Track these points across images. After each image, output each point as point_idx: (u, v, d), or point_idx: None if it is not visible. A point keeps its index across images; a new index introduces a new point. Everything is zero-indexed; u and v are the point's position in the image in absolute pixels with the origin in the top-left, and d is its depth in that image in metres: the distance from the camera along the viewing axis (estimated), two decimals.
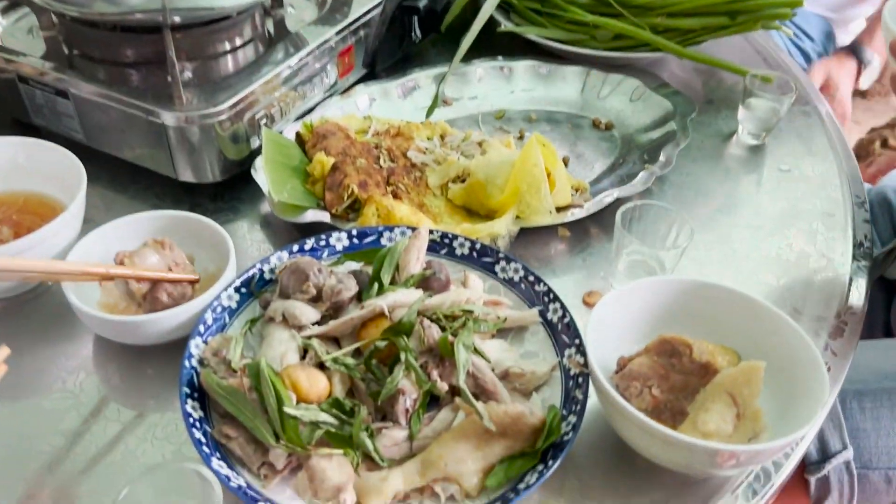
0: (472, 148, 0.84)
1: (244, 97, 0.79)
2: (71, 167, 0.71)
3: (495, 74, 1.00)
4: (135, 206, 0.82)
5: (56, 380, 0.64)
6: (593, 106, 0.98)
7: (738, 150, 0.96)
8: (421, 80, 0.97)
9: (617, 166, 0.89)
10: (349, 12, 0.93)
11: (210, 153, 0.78)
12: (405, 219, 0.73)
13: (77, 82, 0.78)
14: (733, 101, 1.03)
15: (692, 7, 0.98)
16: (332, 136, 0.82)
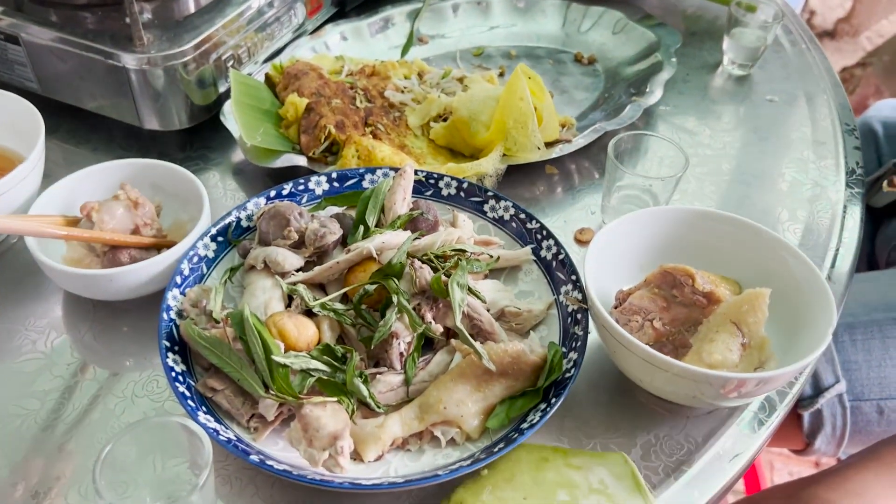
0: (453, 85, 0.80)
1: (208, 37, 0.74)
2: (26, 115, 0.67)
3: (472, 10, 0.96)
4: (97, 158, 0.77)
5: (26, 341, 0.60)
6: (575, 40, 0.95)
7: (724, 81, 0.93)
8: (395, 17, 0.93)
9: (602, 101, 0.86)
10: None
11: (176, 98, 0.74)
12: (387, 159, 0.70)
13: (28, 26, 0.73)
14: (716, 33, 1.00)
15: None
16: (305, 77, 0.78)
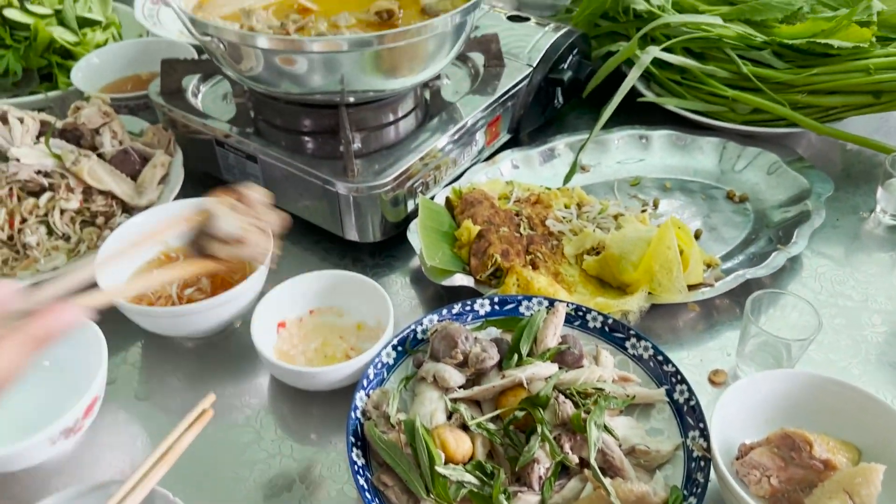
0: (608, 221, 0.90)
1: (406, 169, 0.88)
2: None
3: (633, 143, 1.06)
4: (306, 257, 0.94)
5: (241, 415, 0.76)
6: (729, 178, 1.02)
7: (875, 228, 0.96)
8: (560, 148, 1.04)
9: (749, 242, 0.92)
10: (500, 85, 1.02)
11: (373, 217, 0.89)
12: (543, 290, 0.80)
13: (266, 150, 0.91)
14: (873, 175, 1.03)
15: (834, 86, 0.99)
16: (479, 205, 0.91)
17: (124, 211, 0.91)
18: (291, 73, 0.84)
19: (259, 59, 0.83)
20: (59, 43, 1.15)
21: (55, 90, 1.13)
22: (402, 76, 0.87)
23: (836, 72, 0.98)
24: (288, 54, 0.80)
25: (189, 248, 0.64)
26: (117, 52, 1.15)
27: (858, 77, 0.98)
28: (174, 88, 0.99)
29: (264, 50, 0.80)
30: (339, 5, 0.96)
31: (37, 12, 1.14)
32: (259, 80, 0.87)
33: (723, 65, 1.05)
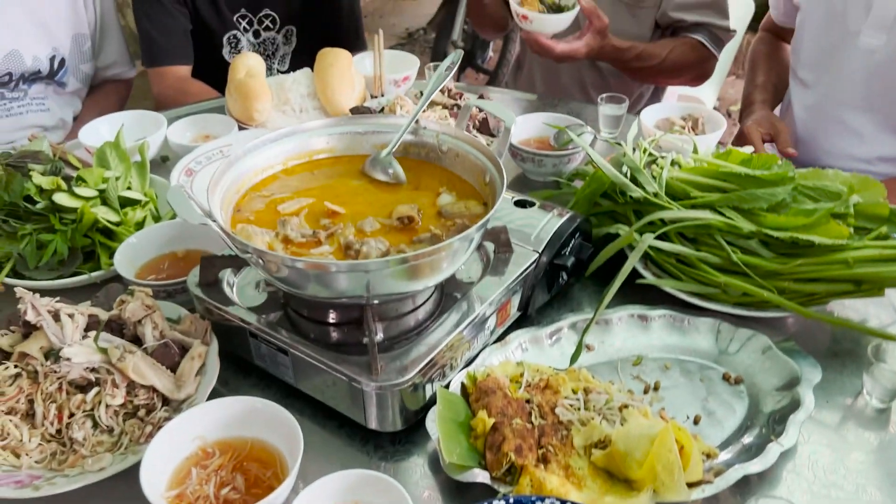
0: (614, 413, 0.97)
1: (427, 362, 0.96)
2: (291, 429, 0.90)
3: (633, 323, 1.14)
4: (331, 441, 1.01)
5: None
6: (725, 359, 1.09)
7: (863, 410, 1.03)
8: (565, 329, 1.12)
9: (745, 429, 0.99)
10: (510, 271, 1.11)
11: (394, 408, 0.96)
12: (555, 490, 0.86)
13: (296, 345, 0.99)
14: (857, 354, 1.10)
15: (817, 275, 1.08)
16: (493, 395, 0.98)
17: (164, 404, 0.98)
18: (320, 281, 0.93)
19: (291, 272, 0.92)
20: (103, 223, 1.24)
21: (98, 270, 1.22)
22: (424, 280, 0.96)
23: (818, 263, 1.08)
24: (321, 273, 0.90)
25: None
26: (155, 233, 1.25)
27: (839, 269, 1.06)
28: (211, 280, 1.08)
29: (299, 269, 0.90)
30: (365, 209, 1.06)
31: (83, 195, 1.25)
32: (289, 284, 0.96)
33: (714, 251, 1.14)
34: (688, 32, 2.00)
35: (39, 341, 0.98)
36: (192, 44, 2.09)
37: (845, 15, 1.70)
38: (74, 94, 2.12)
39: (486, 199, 1.08)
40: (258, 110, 1.57)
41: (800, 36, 1.86)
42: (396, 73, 1.77)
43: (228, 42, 2.15)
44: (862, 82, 1.73)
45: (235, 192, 1.06)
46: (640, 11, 2.05)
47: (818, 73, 1.83)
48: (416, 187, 1.13)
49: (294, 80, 1.69)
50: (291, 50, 2.28)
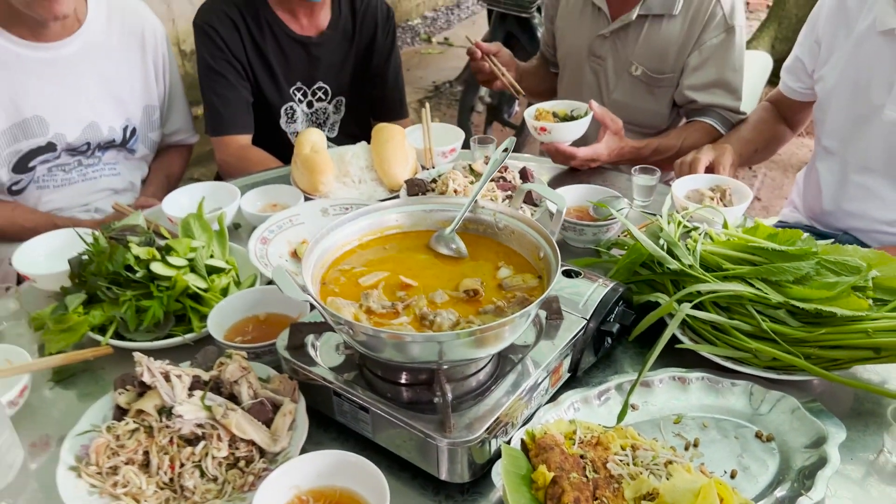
0: (659, 468, 1.09)
1: (493, 422, 1.09)
2: (378, 480, 1.03)
3: (673, 384, 1.26)
4: (406, 490, 1.13)
5: None
6: (757, 419, 1.21)
7: (885, 466, 1.13)
8: (612, 391, 1.24)
9: (777, 483, 1.10)
10: (560, 336, 1.24)
11: (464, 462, 1.08)
12: None
13: (377, 404, 1.12)
14: (878, 414, 1.22)
15: (840, 343, 1.20)
16: (551, 451, 1.10)
17: (261, 455, 1.11)
18: (399, 349, 1.06)
19: (374, 339, 1.05)
20: (193, 290, 1.39)
21: (190, 332, 1.36)
22: (489, 348, 1.09)
23: (840, 332, 1.20)
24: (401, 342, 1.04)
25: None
26: (240, 299, 1.39)
27: (860, 337, 1.18)
28: (298, 344, 1.22)
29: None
30: (434, 282, 1.20)
31: (175, 264, 1.40)
32: (371, 349, 1.09)
33: (746, 319, 1.26)
34: (700, 115, 2.15)
35: (153, 399, 1.12)
36: (253, 114, 2.27)
37: (869, 91, 1.84)
38: (142, 159, 2.30)
39: (541, 273, 1.21)
40: (323, 182, 1.73)
41: (825, 107, 2.00)
42: (444, 146, 1.93)
43: (285, 112, 2.33)
44: (884, 151, 1.86)
45: (321, 267, 1.21)
46: (658, 91, 2.21)
47: (843, 142, 1.96)
48: (476, 260, 1.27)
49: (353, 153, 1.85)
50: (340, 118, 2.46)
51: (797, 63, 2.08)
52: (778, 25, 5.44)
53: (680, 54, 2.15)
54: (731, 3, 2.11)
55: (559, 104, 2.04)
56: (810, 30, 2.03)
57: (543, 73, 2.55)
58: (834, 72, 1.94)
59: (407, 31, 7.60)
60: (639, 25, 2.18)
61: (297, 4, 2.20)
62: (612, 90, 2.30)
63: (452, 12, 8.26)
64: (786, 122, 2.21)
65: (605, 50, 2.26)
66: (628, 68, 2.24)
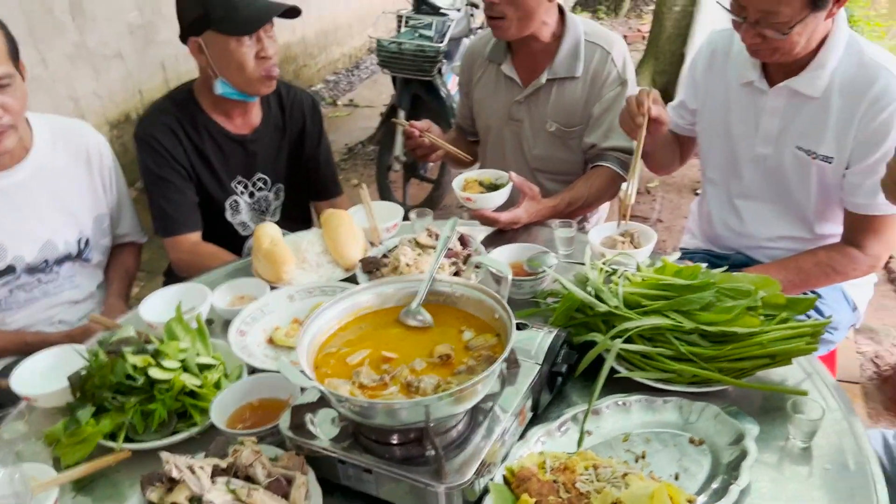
0: (619, 481, 1.32)
1: (480, 464, 1.30)
2: None
3: (618, 409, 1.50)
4: None
5: None
6: (689, 427, 1.46)
7: (792, 450, 1.41)
8: (569, 422, 1.48)
9: (712, 478, 1.35)
10: (521, 382, 1.46)
11: (459, 501, 1.28)
12: None
13: (378, 465, 1.31)
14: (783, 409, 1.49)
15: (743, 354, 1.48)
16: (529, 481, 1.32)
17: None
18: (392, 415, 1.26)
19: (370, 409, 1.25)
20: (189, 388, 1.55)
21: (195, 426, 1.52)
22: (467, 403, 1.30)
23: (742, 346, 1.48)
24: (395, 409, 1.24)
25: None
26: (235, 390, 1.55)
27: (758, 349, 1.47)
28: (299, 423, 1.40)
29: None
30: (410, 351, 1.41)
31: (169, 367, 1.55)
32: (367, 418, 1.29)
33: (668, 346, 1.53)
34: (601, 160, 2.46)
35: (183, 491, 1.27)
36: (199, 211, 2.43)
37: (740, 131, 2.18)
38: (97, 265, 2.42)
39: (498, 331, 1.44)
40: (286, 272, 1.92)
41: (706, 145, 2.34)
42: (387, 222, 2.15)
43: (230, 206, 2.50)
44: (760, 180, 2.21)
45: (312, 353, 1.40)
46: (571, 142, 2.52)
47: (724, 174, 2.31)
48: (441, 327, 1.49)
49: (308, 241, 2.05)
50: (281, 203, 2.65)
51: (681, 105, 2.41)
52: (655, 60, 5.98)
53: (585, 109, 2.47)
54: (622, 61, 2.44)
55: (484, 173, 2.31)
56: (689, 76, 2.36)
57: (463, 143, 2.83)
58: (710, 115, 2.28)
59: None
60: (548, 88, 2.48)
61: (231, 106, 2.39)
62: (532, 147, 2.59)
63: (353, 73, 8.55)
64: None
65: (521, 113, 2.56)
66: (544, 126, 2.53)
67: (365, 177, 5.90)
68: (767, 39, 1.86)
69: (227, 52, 2.22)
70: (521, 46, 2.47)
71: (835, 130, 1.98)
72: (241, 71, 2.25)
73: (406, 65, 4.55)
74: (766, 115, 2.11)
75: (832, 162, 2.02)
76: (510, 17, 2.30)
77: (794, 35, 1.83)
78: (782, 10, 1.78)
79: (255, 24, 2.21)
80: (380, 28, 5.13)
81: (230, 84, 2.28)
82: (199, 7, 2.18)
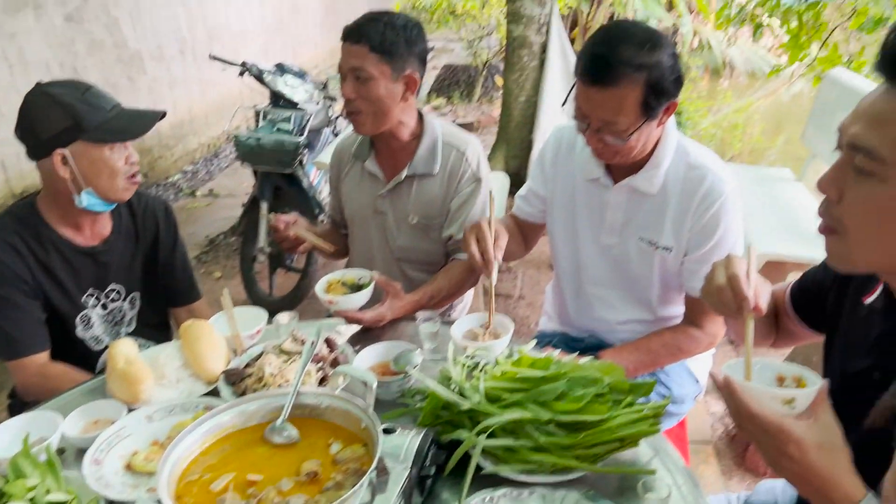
0: None
1: None
2: None
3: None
4: None
5: None
6: None
7: None
8: None
9: None
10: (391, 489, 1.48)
11: None
12: None
13: None
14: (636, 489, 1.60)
15: (596, 441, 1.58)
16: None
17: None
18: None
19: None
20: None
21: None
22: None
23: (594, 433, 1.58)
24: None
25: None
26: None
27: (608, 434, 1.57)
28: None
29: None
30: (277, 471, 1.40)
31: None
32: None
33: (528, 437, 1.61)
34: (460, 252, 2.59)
35: None
36: (47, 329, 2.31)
37: (587, 223, 2.37)
38: None
39: (366, 441, 1.46)
40: (143, 391, 1.85)
41: (554, 235, 2.51)
42: (250, 329, 2.13)
43: (81, 321, 2.39)
44: (606, 268, 2.39)
45: (173, 484, 1.36)
46: (433, 233, 2.64)
47: (573, 263, 2.47)
48: (308, 440, 1.49)
49: (166, 355, 1.99)
50: (136, 312, 2.56)
51: (531, 194, 2.57)
52: (507, 146, 6.34)
53: (444, 204, 2.59)
54: (476, 161, 2.60)
55: (348, 273, 2.35)
56: (538, 166, 2.53)
57: (337, 235, 2.89)
58: (559, 206, 2.45)
59: (168, 189, 7.63)
60: (409, 184, 2.59)
61: (81, 218, 2.31)
62: (396, 238, 2.68)
63: (212, 162, 8.43)
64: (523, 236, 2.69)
65: (385, 206, 2.65)
66: (406, 219, 2.63)
67: (228, 268, 5.77)
68: (609, 144, 2.06)
69: (100, 161, 2.19)
70: (382, 145, 2.60)
71: (672, 223, 2.20)
72: (113, 178, 2.22)
73: (266, 158, 4.57)
74: (610, 209, 2.30)
75: (672, 251, 2.23)
76: (366, 112, 2.41)
77: (632, 141, 2.04)
78: (620, 119, 1.98)
79: (135, 133, 2.22)
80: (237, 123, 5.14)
81: (96, 194, 2.23)
82: (68, 118, 2.13)
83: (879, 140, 1.18)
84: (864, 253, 1.27)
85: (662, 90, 1.96)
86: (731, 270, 1.52)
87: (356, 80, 2.37)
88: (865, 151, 1.20)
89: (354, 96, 2.39)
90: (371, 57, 2.34)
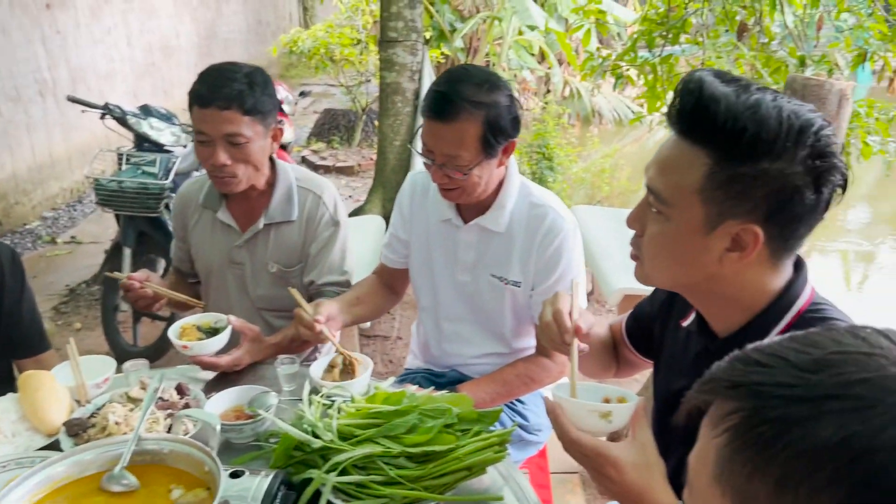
0: None
1: None
2: None
3: None
4: None
5: None
6: None
7: None
8: None
9: None
10: None
11: None
12: None
13: None
14: None
15: (445, 471, 1.62)
16: None
17: None
18: None
19: None
20: None
21: None
22: None
23: (443, 463, 1.62)
24: None
25: None
26: None
27: (456, 463, 1.62)
28: None
29: None
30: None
31: None
32: None
33: (379, 471, 1.63)
34: (321, 296, 2.56)
35: None
36: None
37: (443, 261, 2.44)
38: None
39: (210, 485, 1.44)
40: None
41: (414, 275, 2.57)
42: (96, 377, 2.05)
43: None
44: (463, 304, 2.47)
45: None
46: (293, 280, 2.63)
47: (432, 300, 2.54)
48: (149, 487, 1.45)
49: (2, 409, 1.87)
50: None
51: (393, 239, 2.63)
52: (383, 189, 6.42)
53: (303, 249, 2.59)
54: (333, 204, 2.62)
55: (204, 317, 2.30)
56: (398, 211, 2.60)
57: (184, 286, 2.80)
58: (417, 247, 2.53)
59: (26, 236, 7.17)
60: (266, 232, 2.57)
61: None
62: (256, 288, 2.64)
63: (75, 209, 8.02)
64: (390, 288, 2.74)
65: (242, 257, 2.61)
66: (265, 268, 2.60)
67: (89, 319, 5.47)
68: (453, 179, 2.15)
69: None
70: (235, 195, 2.55)
71: (519, 260, 2.32)
72: None
73: (129, 203, 4.42)
74: (462, 248, 2.40)
75: (520, 286, 2.34)
76: (241, 175, 2.39)
77: (474, 176, 2.14)
78: (462, 153, 2.09)
79: None
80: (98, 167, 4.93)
81: None
82: None
83: (664, 185, 1.36)
84: (656, 276, 1.49)
85: (500, 129, 2.10)
86: (556, 306, 1.63)
87: (230, 145, 2.32)
88: (655, 194, 1.37)
89: (230, 163, 2.35)
90: (245, 120, 2.30)
